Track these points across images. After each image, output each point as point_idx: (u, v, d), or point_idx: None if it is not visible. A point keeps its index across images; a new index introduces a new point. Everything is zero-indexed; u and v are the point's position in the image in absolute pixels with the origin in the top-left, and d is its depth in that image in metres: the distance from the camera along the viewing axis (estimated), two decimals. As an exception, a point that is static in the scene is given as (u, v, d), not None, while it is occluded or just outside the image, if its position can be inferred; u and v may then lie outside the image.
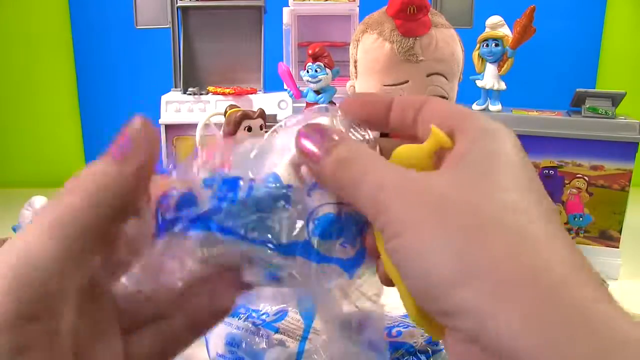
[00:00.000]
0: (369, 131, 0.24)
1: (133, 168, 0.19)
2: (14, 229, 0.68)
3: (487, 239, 0.17)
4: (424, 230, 0.18)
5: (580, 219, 0.71)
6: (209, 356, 0.47)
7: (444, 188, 0.19)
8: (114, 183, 0.19)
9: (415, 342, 0.44)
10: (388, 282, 0.22)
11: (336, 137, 0.22)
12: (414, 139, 0.23)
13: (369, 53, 0.78)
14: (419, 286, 0.19)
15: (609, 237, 0.72)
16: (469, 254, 0.17)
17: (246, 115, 0.76)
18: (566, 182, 0.71)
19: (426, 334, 0.41)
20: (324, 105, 0.24)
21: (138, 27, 0.94)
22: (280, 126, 0.25)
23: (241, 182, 0.22)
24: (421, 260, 0.18)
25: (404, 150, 0.23)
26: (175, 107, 0.92)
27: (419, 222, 0.18)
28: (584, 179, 0.70)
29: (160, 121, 0.91)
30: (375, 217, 0.20)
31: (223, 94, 0.91)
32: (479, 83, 0.76)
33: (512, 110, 0.74)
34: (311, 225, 0.22)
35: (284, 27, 0.94)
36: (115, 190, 0.19)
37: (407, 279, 0.19)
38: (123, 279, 0.22)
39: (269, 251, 0.22)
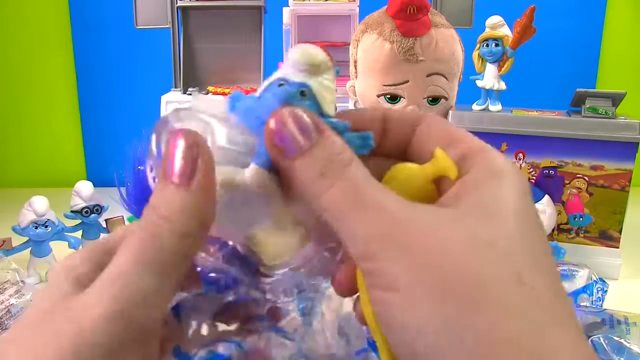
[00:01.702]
0: None
1: (200, 190, 0.18)
2: (14, 229, 0.68)
3: (485, 317, 0.16)
4: (415, 293, 0.16)
5: (580, 219, 0.71)
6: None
7: (442, 244, 0.17)
8: (190, 208, 0.18)
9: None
10: (363, 322, 0.20)
11: (316, 131, 0.19)
12: (403, 160, 0.21)
13: (369, 53, 0.78)
14: (403, 349, 0.17)
15: (609, 237, 0.72)
16: (462, 328, 0.16)
17: (246, 115, 0.76)
18: (566, 182, 0.71)
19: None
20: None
21: (138, 27, 0.94)
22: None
23: None
24: (409, 323, 0.16)
25: (402, 171, 0.20)
26: (175, 107, 0.92)
27: (412, 283, 0.16)
28: (584, 179, 0.70)
29: (160, 121, 0.91)
30: (362, 261, 0.18)
31: (223, 94, 0.91)
32: (479, 83, 0.76)
33: (512, 110, 0.74)
34: None
35: (284, 27, 0.94)
36: (192, 215, 0.18)
37: (390, 335, 0.18)
38: None
39: None
